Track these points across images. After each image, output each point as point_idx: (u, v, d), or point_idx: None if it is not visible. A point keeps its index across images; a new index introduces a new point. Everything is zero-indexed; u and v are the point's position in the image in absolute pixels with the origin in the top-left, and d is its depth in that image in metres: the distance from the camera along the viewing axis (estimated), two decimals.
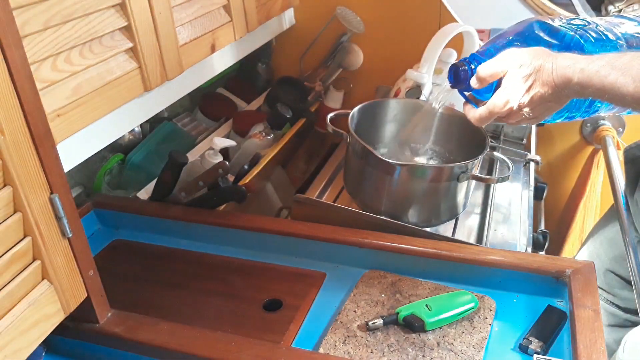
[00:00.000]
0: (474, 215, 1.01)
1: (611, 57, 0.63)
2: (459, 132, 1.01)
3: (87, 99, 0.72)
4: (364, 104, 1.00)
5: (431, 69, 1.11)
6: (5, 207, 0.55)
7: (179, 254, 0.93)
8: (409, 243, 0.83)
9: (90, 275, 0.67)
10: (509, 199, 1.05)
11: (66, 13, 0.66)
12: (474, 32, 1.21)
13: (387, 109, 1.06)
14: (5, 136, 0.53)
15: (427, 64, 1.11)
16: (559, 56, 0.68)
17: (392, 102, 1.06)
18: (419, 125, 1.06)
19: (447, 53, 1.15)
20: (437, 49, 1.10)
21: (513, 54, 0.71)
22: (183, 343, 0.69)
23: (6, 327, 0.55)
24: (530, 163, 1.14)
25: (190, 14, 0.92)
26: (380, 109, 1.05)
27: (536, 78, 0.68)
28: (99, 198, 1.02)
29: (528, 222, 0.97)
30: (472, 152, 0.89)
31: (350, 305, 0.77)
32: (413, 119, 1.06)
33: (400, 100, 1.10)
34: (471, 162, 0.86)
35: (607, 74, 0.62)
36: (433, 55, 1.10)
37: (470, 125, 0.91)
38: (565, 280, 0.77)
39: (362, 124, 1.00)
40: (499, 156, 0.94)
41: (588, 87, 0.64)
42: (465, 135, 0.99)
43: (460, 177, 0.86)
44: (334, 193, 1.04)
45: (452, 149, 1.03)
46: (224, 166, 0.92)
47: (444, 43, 1.10)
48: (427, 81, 1.11)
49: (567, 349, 0.69)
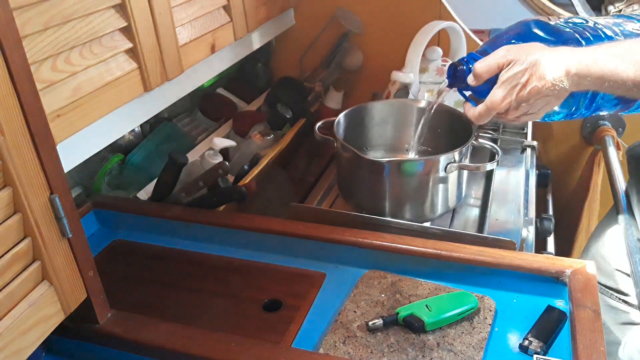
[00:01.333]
0: (474, 207, 1.02)
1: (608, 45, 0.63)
2: (447, 127, 1.02)
3: (87, 99, 0.72)
4: (349, 109, 1.02)
5: (416, 68, 1.11)
6: (5, 208, 0.55)
7: (179, 254, 0.93)
8: (409, 243, 0.83)
9: (90, 275, 0.67)
10: (510, 188, 1.05)
11: (66, 13, 0.67)
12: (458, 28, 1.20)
13: (373, 112, 1.06)
14: (5, 136, 0.53)
15: (411, 63, 1.11)
16: (555, 49, 0.68)
17: (377, 105, 1.07)
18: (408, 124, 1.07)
19: (432, 51, 1.15)
20: (419, 48, 1.10)
21: (508, 50, 0.71)
22: (183, 343, 0.69)
23: (6, 327, 0.55)
24: (527, 149, 1.14)
25: (190, 14, 0.92)
26: (367, 113, 1.06)
27: (532, 72, 0.68)
28: (99, 198, 1.02)
29: (530, 208, 0.97)
30: (462, 144, 0.90)
31: (350, 305, 0.77)
32: (402, 120, 1.07)
33: (385, 101, 1.11)
34: (457, 152, 0.87)
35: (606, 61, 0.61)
36: (416, 54, 1.11)
37: (457, 119, 0.92)
38: (565, 280, 0.77)
39: (351, 129, 1.01)
40: (486, 143, 0.95)
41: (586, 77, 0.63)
42: (454, 129, 0.99)
43: (448, 168, 0.87)
44: (332, 200, 1.06)
45: (443, 144, 1.04)
46: (224, 166, 0.92)
47: (425, 41, 1.10)
48: (413, 80, 1.11)
49: (567, 349, 0.69)
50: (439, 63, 1.15)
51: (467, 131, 0.92)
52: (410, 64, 1.11)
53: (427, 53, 1.13)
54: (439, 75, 1.13)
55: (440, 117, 1.03)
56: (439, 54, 1.16)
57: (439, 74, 1.13)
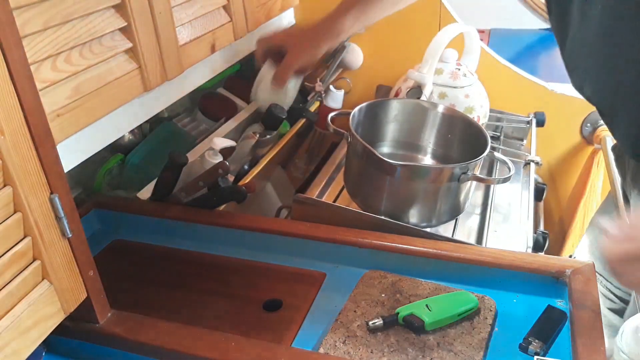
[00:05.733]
0: (474, 216, 1.01)
1: None
2: (460, 133, 1.01)
3: (87, 99, 0.72)
4: (365, 104, 1.00)
5: (432, 69, 1.11)
6: (5, 207, 0.55)
7: (179, 254, 0.93)
8: (409, 243, 0.83)
9: (90, 275, 0.67)
10: (509, 200, 1.05)
11: (66, 13, 0.67)
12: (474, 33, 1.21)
13: (389, 109, 1.05)
14: (5, 136, 0.53)
15: (428, 64, 1.11)
16: None
17: (393, 102, 1.06)
18: (420, 125, 1.06)
19: (448, 53, 1.15)
20: (438, 50, 1.10)
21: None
22: (183, 343, 0.69)
23: (6, 327, 0.55)
24: (530, 164, 1.14)
25: (190, 14, 0.92)
26: (381, 109, 1.05)
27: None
28: (99, 198, 1.02)
29: (528, 223, 0.97)
30: (473, 153, 0.89)
31: (350, 305, 0.77)
32: (415, 120, 1.06)
33: (402, 100, 1.10)
34: (472, 163, 0.86)
35: None
36: (434, 55, 1.10)
37: (468, 126, 0.91)
38: (565, 280, 0.77)
39: (363, 124, 1.00)
40: (500, 157, 0.94)
41: None
42: (467, 136, 0.99)
43: (461, 178, 0.86)
44: (334, 193, 1.04)
45: (453, 150, 1.03)
46: (224, 166, 0.92)
47: (445, 43, 1.10)
48: (429, 81, 1.11)
49: (567, 349, 0.69)
50: (453, 67, 1.15)
51: (481, 141, 0.91)
52: (427, 64, 1.10)
53: (442, 55, 1.13)
54: (452, 79, 1.13)
55: (452, 123, 1.02)
56: (454, 57, 1.16)
57: (453, 77, 1.13)
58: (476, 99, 1.15)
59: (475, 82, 1.17)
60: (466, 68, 1.17)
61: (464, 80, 1.14)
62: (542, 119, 1.29)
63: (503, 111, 1.31)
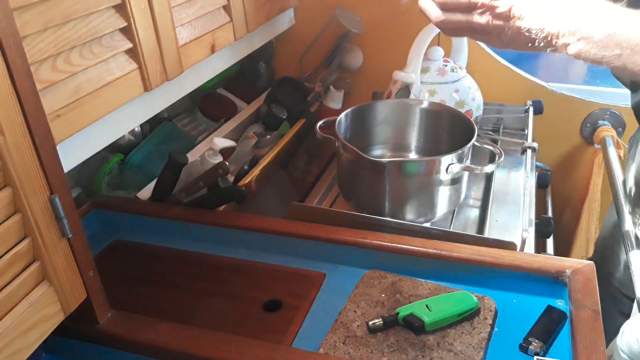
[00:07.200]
0: (474, 208, 1.02)
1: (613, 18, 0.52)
2: (448, 126, 1.02)
3: (87, 99, 0.72)
4: (351, 109, 1.02)
5: (417, 68, 1.12)
6: (5, 208, 0.55)
7: (179, 254, 0.93)
8: (409, 243, 0.83)
9: (90, 275, 0.67)
10: (510, 189, 1.05)
11: (66, 13, 0.66)
12: None
13: (375, 111, 1.07)
14: (5, 137, 0.53)
15: (413, 63, 1.11)
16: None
17: (379, 104, 1.07)
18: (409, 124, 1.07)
19: (433, 51, 1.16)
20: (421, 48, 1.10)
21: None
22: (183, 343, 0.69)
23: (6, 327, 0.55)
24: (527, 150, 1.14)
25: (190, 14, 0.92)
26: (368, 113, 1.06)
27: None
28: (99, 198, 1.02)
29: (531, 209, 0.97)
30: (463, 145, 0.89)
31: (350, 305, 0.78)
32: (403, 120, 1.07)
33: (386, 101, 1.11)
34: (459, 153, 0.87)
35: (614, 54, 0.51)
36: (418, 54, 1.11)
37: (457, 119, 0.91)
38: (565, 280, 0.77)
39: (352, 129, 1.02)
40: (487, 144, 0.94)
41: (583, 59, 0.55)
42: (455, 128, 0.99)
43: (450, 169, 0.87)
44: (332, 199, 1.06)
45: (443, 144, 1.04)
46: (224, 166, 0.92)
47: (427, 41, 1.10)
48: (415, 80, 1.11)
49: (567, 349, 0.69)
50: (440, 63, 1.15)
51: (468, 132, 0.92)
52: (412, 63, 1.11)
53: (428, 53, 1.14)
54: (440, 76, 1.13)
55: (439, 117, 1.03)
56: (440, 55, 1.16)
57: (440, 74, 1.13)
58: (467, 92, 1.14)
59: (465, 76, 1.17)
60: (454, 64, 1.17)
61: (452, 76, 1.14)
62: (540, 107, 1.29)
63: (503, 103, 1.32)
